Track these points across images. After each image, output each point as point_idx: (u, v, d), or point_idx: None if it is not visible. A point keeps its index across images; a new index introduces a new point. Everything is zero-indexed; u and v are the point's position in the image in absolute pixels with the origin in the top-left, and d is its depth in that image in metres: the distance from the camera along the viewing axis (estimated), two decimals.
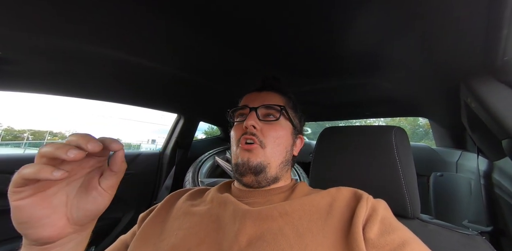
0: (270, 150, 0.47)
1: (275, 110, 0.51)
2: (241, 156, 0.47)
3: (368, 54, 0.62)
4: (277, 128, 0.50)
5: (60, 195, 0.30)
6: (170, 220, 0.46)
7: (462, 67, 0.58)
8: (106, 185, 0.32)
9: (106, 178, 0.32)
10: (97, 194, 0.31)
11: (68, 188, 0.30)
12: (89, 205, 0.31)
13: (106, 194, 0.32)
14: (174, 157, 1.44)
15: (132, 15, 0.50)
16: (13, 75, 0.75)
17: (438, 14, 0.42)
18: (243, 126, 0.48)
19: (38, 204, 0.27)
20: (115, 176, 0.32)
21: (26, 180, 0.25)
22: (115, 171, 0.32)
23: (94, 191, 0.31)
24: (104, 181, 0.32)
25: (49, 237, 0.29)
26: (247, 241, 0.37)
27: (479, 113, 0.58)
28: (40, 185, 0.27)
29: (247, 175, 0.46)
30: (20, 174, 0.25)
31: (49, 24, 0.52)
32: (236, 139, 0.50)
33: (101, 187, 0.31)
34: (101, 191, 0.31)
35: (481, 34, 0.44)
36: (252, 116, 0.48)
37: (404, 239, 0.35)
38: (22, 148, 25.77)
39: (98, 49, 0.64)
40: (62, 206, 0.30)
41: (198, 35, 0.58)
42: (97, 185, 0.31)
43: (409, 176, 0.53)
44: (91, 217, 0.32)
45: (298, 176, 1.46)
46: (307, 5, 0.44)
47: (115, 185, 0.33)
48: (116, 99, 1.09)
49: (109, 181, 0.32)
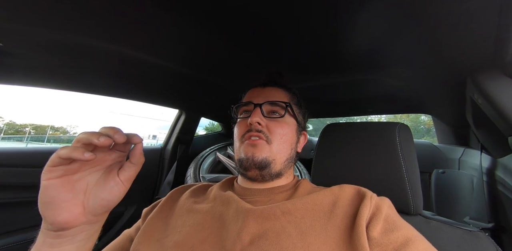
0: (276, 146, 0.47)
1: (280, 107, 0.50)
2: (245, 151, 0.46)
3: (372, 50, 0.61)
4: (282, 124, 0.49)
5: (81, 182, 0.33)
6: (174, 216, 0.46)
7: (469, 62, 0.56)
8: (124, 177, 0.35)
9: (125, 169, 0.35)
10: (114, 184, 0.34)
11: (89, 177, 0.34)
12: (106, 194, 0.33)
13: (122, 185, 0.34)
14: (175, 152, 1.44)
15: (136, 10, 0.50)
16: (14, 68, 0.75)
17: (448, 6, 0.41)
18: (248, 122, 0.47)
19: (63, 186, 0.31)
20: (133, 167, 0.35)
21: (61, 159, 0.29)
22: (134, 163, 0.35)
23: (112, 181, 0.34)
24: (122, 173, 0.35)
25: (64, 222, 0.31)
26: (250, 239, 0.37)
27: (485, 109, 0.57)
28: (69, 168, 0.31)
29: (251, 169, 0.46)
30: (57, 153, 0.29)
31: (52, 18, 0.52)
32: (240, 135, 0.49)
33: (119, 178, 0.34)
34: (118, 181, 0.34)
35: (493, 27, 0.42)
36: (256, 112, 0.48)
37: (408, 237, 0.35)
38: (24, 142, 25.94)
39: (100, 44, 0.63)
40: (81, 193, 0.33)
41: (201, 31, 0.57)
42: (116, 176, 0.35)
43: (412, 172, 0.52)
44: (105, 208, 0.34)
45: (300, 172, 1.46)
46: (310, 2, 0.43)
47: (132, 177, 0.36)
48: (118, 94, 1.09)
49: (128, 173, 0.35)
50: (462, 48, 0.53)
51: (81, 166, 0.32)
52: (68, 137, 36.75)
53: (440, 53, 0.58)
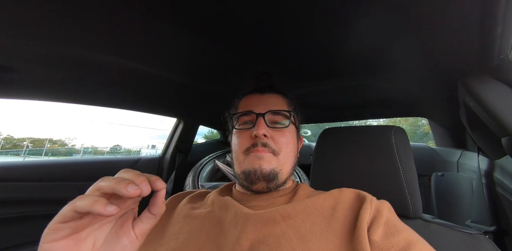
0: (283, 156, 0.47)
1: (283, 116, 0.50)
2: (250, 163, 0.45)
3: (366, 56, 0.62)
4: (286, 134, 0.49)
5: (88, 241, 0.27)
6: (171, 223, 0.46)
7: (459, 66, 0.58)
8: (140, 230, 0.29)
9: (142, 221, 0.30)
10: (128, 242, 0.29)
11: (98, 232, 0.28)
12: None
13: (137, 242, 0.29)
14: (174, 161, 1.43)
15: (132, 22, 0.51)
16: (14, 82, 0.76)
17: (433, 14, 0.42)
18: (253, 135, 0.45)
19: (69, 249, 0.25)
20: (153, 219, 0.30)
21: (76, 213, 0.24)
22: (154, 214, 0.30)
23: (125, 237, 0.29)
24: (139, 225, 0.29)
25: None
26: (249, 245, 0.36)
27: (477, 112, 0.58)
28: (80, 224, 0.25)
29: (258, 182, 0.44)
30: (73, 205, 0.24)
31: (49, 31, 0.53)
32: (244, 148, 0.47)
33: (133, 232, 0.29)
34: (133, 237, 0.29)
35: (476, 33, 0.44)
36: (261, 124, 0.46)
37: (409, 240, 0.35)
38: (22, 156, 25.67)
39: (97, 56, 0.64)
40: None
41: (196, 40, 0.58)
42: (131, 229, 0.29)
43: (410, 175, 0.52)
44: None
45: (299, 178, 1.46)
46: (305, 6, 0.44)
47: (148, 231, 0.30)
48: (116, 105, 1.10)
49: (145, 226, 0.30)
50: (452, 53, 0.54)
51: (92, 219, 0.26)
52: (66, 149, 36.45)
53: (431, 58, 0.59)
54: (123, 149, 38.87)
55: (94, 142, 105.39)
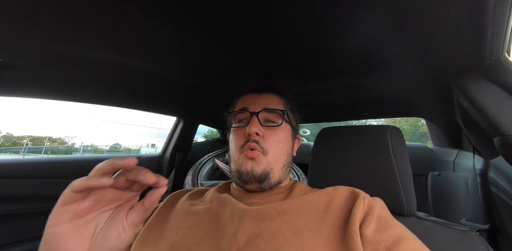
0: (272, 155, 0.47)
1: (277, 114, 0.50)
2: (244, 164, 0.46)
3: (362, 55, 0.63)
4: (278, 132, 0.49)
5: (90, 226, 0.30)
6: (171, 219, 0.47)
7: (453, 67, 0.59)
8: (132, 220, 0.32)
9: (134, 212, 0.32)
10: (122, 229, 0.31)
11: (99, 217, 0.31)
12: (113, 241, 0.31)
13: (129, 230, 0.32)
14: (173, 160, 1.44)
15: (131, 20, 0.51)
16: (12, 80, 0.76)
17: (427, 15, 0.43)
18: (246, 133, 0.47)
19: (72, 232, 0.28)
20: (143, 212, 0.33)
21: (75, 193, 0.27)
22: (146, 207, 0.32)
23: (120, 225, 0.31)
24: (131, 215, 0.32)
25: None
26: (245, 239, 0.37)
27: (471, 112, 0.59)
28: (81, 208, 0.28)
29: (251, 183, 0.46)
30: (70, 188, 0.26)
31: (48, 29, 0.53)
32: (239, 146, 0.48)
33: (126, 221, 0.32)
34: (125, 226, 0.32)
35: (468, 35, 0.45)
36: (254, 122, 0.47)
37: (400, 235, 0.36)
38: (21, 154, 25.65)
39: (97, 54, 0.65)
40: (88, 240, 0.30)
41: (196, 38, 0.59)
42: (124, 218, 0.32)
43: (405, 173, 0.53)
44: None
45: (298, 177, 1.47)
46: (303, 6, 0.45)
47: (139, 223, 0.33)
48: (116, 103, 1.10)
49: (136, 217, 0.32)
50: (445, 55, 0.55)
51: (93, 204, 0.29)
52: (65, 147, 36.43)
53: (425, 59, 0.60)
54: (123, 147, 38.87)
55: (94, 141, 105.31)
